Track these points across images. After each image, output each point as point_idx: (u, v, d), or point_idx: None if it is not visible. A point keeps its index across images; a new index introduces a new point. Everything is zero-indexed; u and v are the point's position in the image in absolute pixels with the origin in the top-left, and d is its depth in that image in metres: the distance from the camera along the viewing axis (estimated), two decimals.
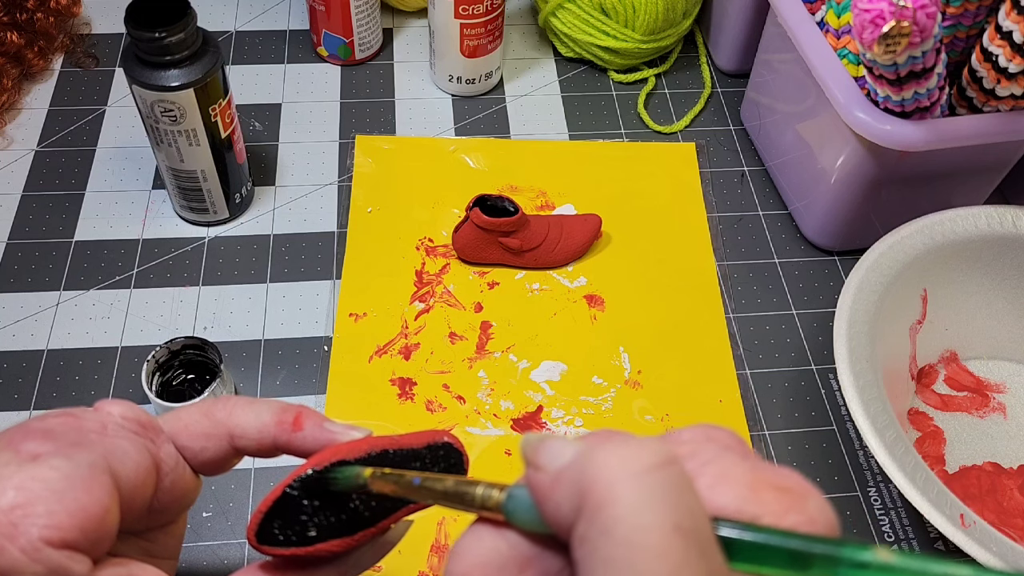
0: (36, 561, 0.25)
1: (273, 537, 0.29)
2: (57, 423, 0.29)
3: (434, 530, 0.48)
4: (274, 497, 0.29)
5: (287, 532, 0.29)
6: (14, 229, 0.59)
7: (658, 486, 0.19)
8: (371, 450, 0.31)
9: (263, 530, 0.29)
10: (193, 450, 0.32)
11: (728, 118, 0.70)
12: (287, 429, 0.32)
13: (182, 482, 0.31)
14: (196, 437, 0.32)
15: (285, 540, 0.29)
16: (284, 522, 0.29)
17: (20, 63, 0.66)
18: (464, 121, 0.68)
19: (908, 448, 0.44)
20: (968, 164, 0.56)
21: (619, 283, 0.59)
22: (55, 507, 0.26)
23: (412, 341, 0.55)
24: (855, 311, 0.49)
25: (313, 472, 0.30)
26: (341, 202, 0.62)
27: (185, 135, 0.53)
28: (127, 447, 0.29)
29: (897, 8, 0.42)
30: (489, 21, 0.64)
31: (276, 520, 0.29)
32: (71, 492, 0.26)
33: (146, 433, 0.30)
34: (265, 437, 0.32)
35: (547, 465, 0.21)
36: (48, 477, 0.26)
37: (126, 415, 0.30)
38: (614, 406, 0.53)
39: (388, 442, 0.31)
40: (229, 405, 0.32)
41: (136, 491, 0.29)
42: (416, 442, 0.32)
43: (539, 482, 0.21)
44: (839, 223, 0.59)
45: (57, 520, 0.26)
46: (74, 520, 0.26)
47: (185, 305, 0.56)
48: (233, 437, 0.32)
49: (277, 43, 0.72)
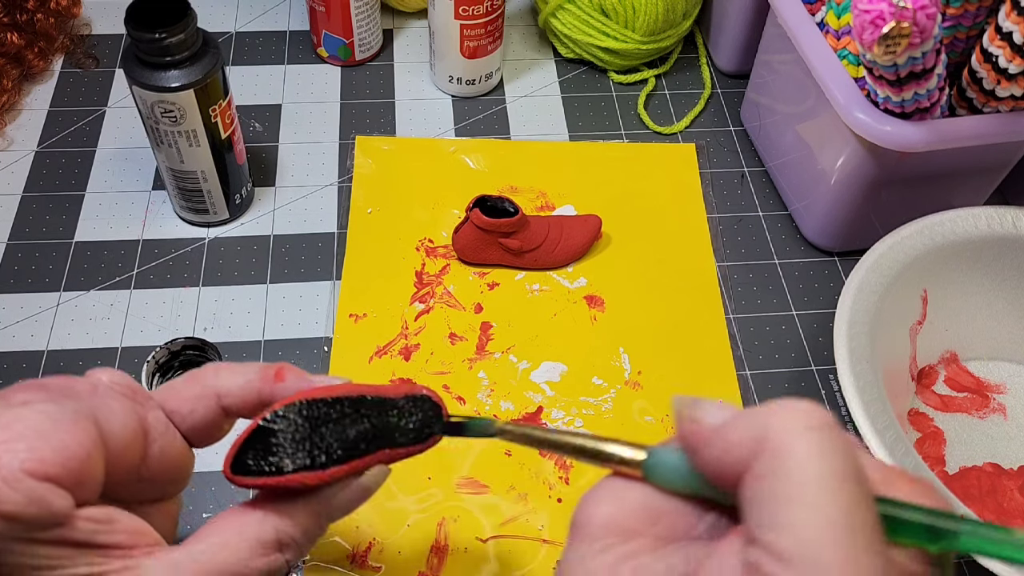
0: (16, 490, 0.26)
1: (247, 468, 0.30)
2: (49, 380, 0.30)
3: (434, 530, 0.48)
4: (250, 430, 0.30)
5: (260, 464, 0.30)
6: (14, 230, 0.59)
7: (828, 441, 0.21)
8: (348, 393, 0.32)
9: (238, 463, 0.30)
10: (182, 413, 0.33)
11: (728, 119, 0.70)
12: (270, 381, 0.33)
13: (172, 449, 0.32)
14: (185, 400, 0.33)
15: (258, 472, 0.30)
16: (258, 455, 0.30)
17: (20, 64, 0.66)
18: (464, 122, 0.68)
19: (908, 449, 0.44)
20: (968, 165, 0.56)
21: (619, 284, 0.59)
22: (37, 443, 0.27)
23: (412, 342, 0.55)
24: (855, 312, 0.49)
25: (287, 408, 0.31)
26: (341, 203, 0.62)
27: (185, 136, 0.53)
28: (114, 406, 0.30)
29: (897, 9, 0.42)
30: (489, 22, 0.64)
31: (251, 452, 0.30)
32: (55, 432, 0.27)
33: (134, 397, 0.31)
34: (249, 392, 0.33)
35: (706, 419, 0.24)
36: (34, 418, 0.27)
37: (115, 380, 0.31)
38: (614, 407, 0.53)
39: (366, 389, 0.32)
40: (215, 368, 0.34)
41: (123, 448, 0.30)
42: (394, 392, 0.33)
43: (697, 432, 0.24)
44: (839, 224, 0.59)
45: (39, 455, 0.26)
46: (56, 456, 0.27)
47: (185, 306, 0.56)
48: (220, 396, 0.33)
49: (277, 44, 0.72)
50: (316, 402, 0.31)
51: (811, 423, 0.22)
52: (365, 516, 0.48)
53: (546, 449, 0.29)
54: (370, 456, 0.32)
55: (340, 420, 0.32)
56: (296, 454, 0.30)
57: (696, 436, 0.24)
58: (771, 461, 0.22)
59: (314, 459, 0.31)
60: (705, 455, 0.24)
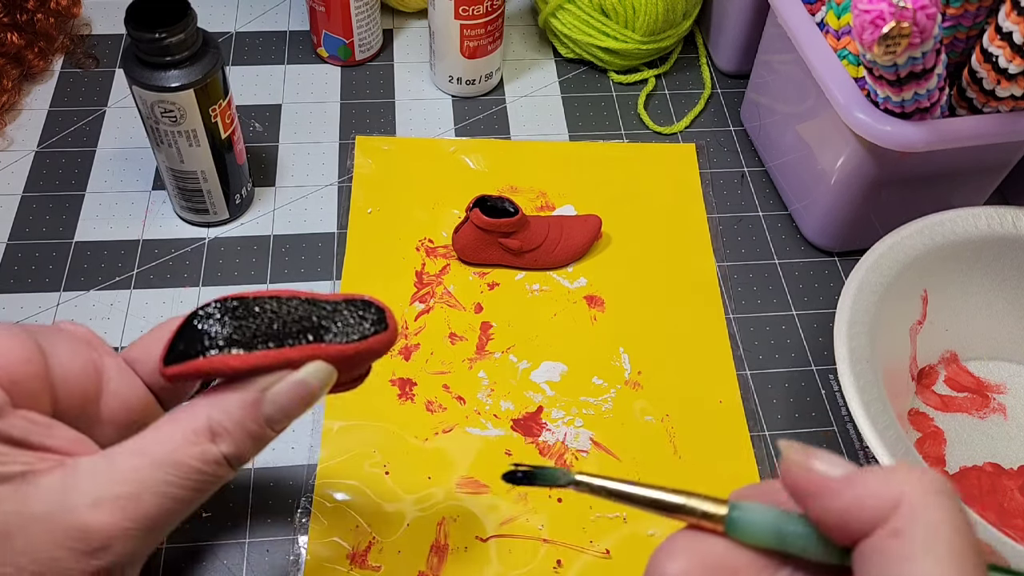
0: None
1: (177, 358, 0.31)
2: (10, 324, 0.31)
3: (434, 530, 0.48)
4: (181, 323, 0.31)
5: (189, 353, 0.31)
6: (14, 230, 0.59)
7: (957, 508, 0.23)
8: (279, 294, 0.32)
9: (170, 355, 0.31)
10: (141, 360, 0.34)
11: (728, 119, 0.70)
12: None
13: (129, 391, 0.33)
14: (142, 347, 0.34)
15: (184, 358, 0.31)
16: (188, 346, 0.31)
17: (20, 64, 0.66)
18: (464, 122, 0.68)
19: (909, 449, 0.44)
20: (968, 165, 0.56)
21: (619, 284, 0.59)
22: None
23: (412, 342, 0.55)
24: (855, 312, 0.49)
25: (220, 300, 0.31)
26: (341, 203, 0.62)
27: (185, 136, 0.53)
28: (66, 340, 0.31)
29: (897, 9, 0.42)
30: (489, 22, 0.64)
31: (180, 344, 0.31)
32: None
33: (88, 342, 0.32)
34: None
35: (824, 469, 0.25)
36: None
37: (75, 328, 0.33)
38: (614, 407, 0.53)
39: (302, 292, 0.33)
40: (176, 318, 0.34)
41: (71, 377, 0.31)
42: (332, 297, 0.33)
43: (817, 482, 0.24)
44: (839, 224, 0.59)
45: None
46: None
47: (185, 306, 0.56)
48: None
49: (277, 44, 0.72)
50: (246, 299, 0.32)
51: (943, 489, 0.23)
52: (365, 516, 0.48)
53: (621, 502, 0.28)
54: (299, 347, 0.32)
55: (267, 314, 0.32)
56: (221, 341, 0.31)
57: (814, 485, 0.24)
58: (909, 519, 0.23)
59: (239, 344, 0.31)
60: (829, 505, 0.24)
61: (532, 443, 0.51)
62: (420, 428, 0.51)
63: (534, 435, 0.52)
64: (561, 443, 0.52)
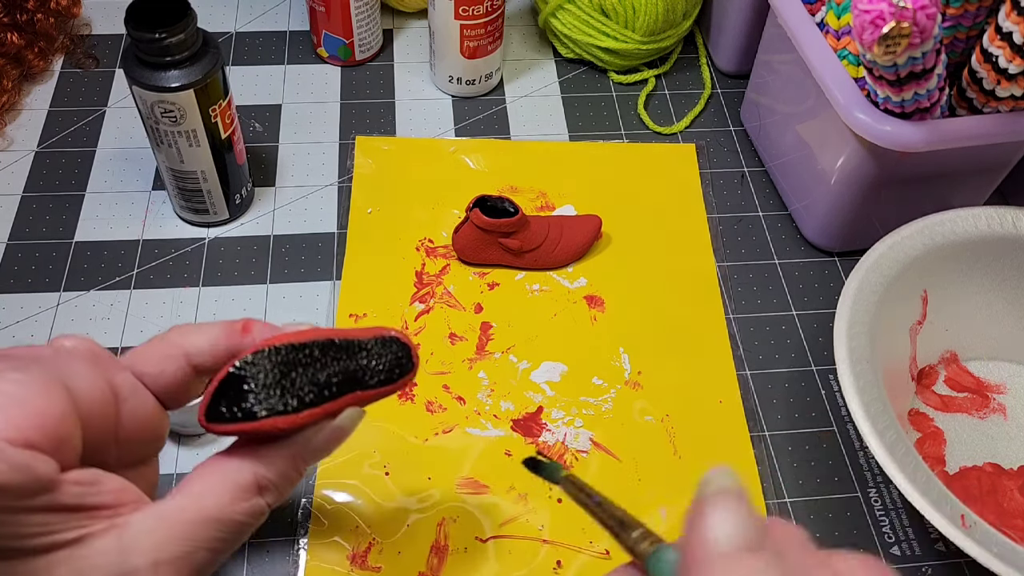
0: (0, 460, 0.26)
1: (221, 416, 0.30)
2: (12, 349, 0.30)
3: (434, 530, 0.48)
4: (220, 378, 0.30)
5: (233, 411, 0.30)
6: (14, 230, 0.59)
7: None
8: (316, 338, 0.32)
9: (212, 410, 0.30)
10: (152, 375, 0.33)
11: (728, 119, 0.70)
12: (236, 335, 0.33)
13: (143, 409, 0.32)
14: (153, 361, 0.33)
15: (231, 419, 0.30)
16: (231, 402, 0.30)
17: (20, 64, 0.66)
18: (464, 122, 0.68)
19: (908, 449, 0.44)
20: (968, 165, 0.56)
21: (619, 284, 0.59)
22: (12, 411, 0.26)
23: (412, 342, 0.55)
24: (855, 312, 0.49)
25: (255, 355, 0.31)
26: (341, 203, 0.62)
27: (185, 136, 0.53)
28: (79, 368, 0.30)
29: (897, 9, 0.42)
30: (489, 22, 0.64)
31: (223, 400, 0.30)
32: (29, 399, 0.27)
33: (98, 361, 0.31)
34: (217, 347, 0.33)
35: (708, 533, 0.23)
36: (4, 388, 0.27)
37: (77, 345, 0.31)
38: (614, 407, 0.53)
39: (334, 332, 0.33)
40: (182, 329, 0.33)
41: (93, 410, 0.29)
42: (363, 335, 0.33)
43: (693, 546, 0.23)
44: (839, 224, 0.59)
45: (15, 421, 0.26)
46: (33, 422, 0.27)
47: (185, 306, 0.56)
48: (189, 356, 0.33)
49: (277, 44, 0.72)
50: (285, 347, 0.32)
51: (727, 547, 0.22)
52: (365, 517, 0.48)
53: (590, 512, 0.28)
54: (342, 398, 0.32)
55: (310, 364, 0.32)
56: (268, 399, 0.31)
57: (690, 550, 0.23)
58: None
59: (286, 404, 0.31)
60: None
61: (532, 443, 0.51)
62: (420, 428, 0.51)
63: (534, 435, 0.52)
64: (561, 443, 0.52)
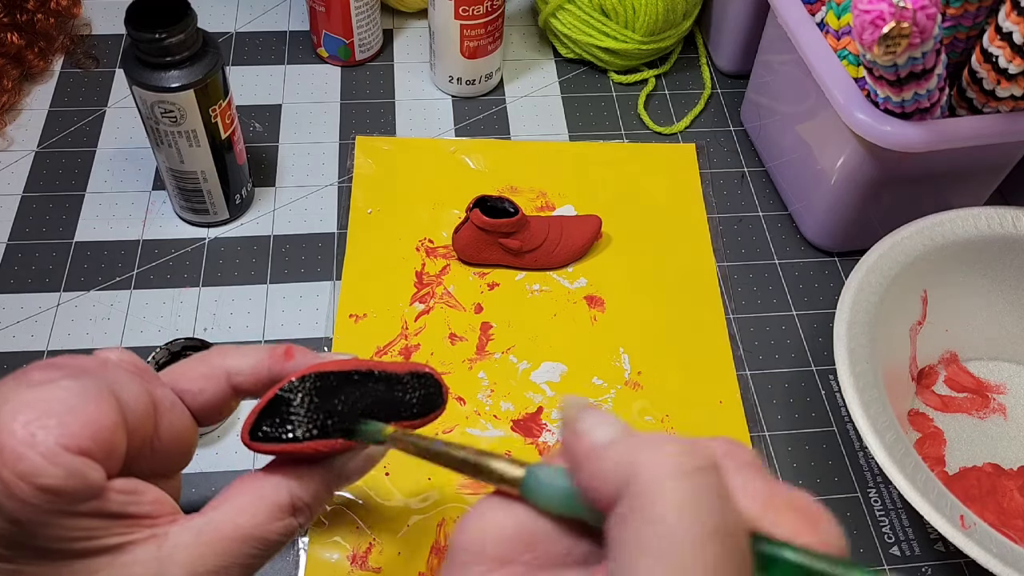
0: (55, 464, 0.26)
1: (264, 436, 0.31)
2: (60, 359, 0.31)
3: (434, 531, 0.48)
4: (267, 399, 0.32)
5: (276, 432, 0.32)
6: (14, 230, 0.59)
7: (702, 488, 0.20)
8: (358, 368, 0.33)
9: (255, 430, 0.31)
10: (192, 392, 0.33)
11: (728, 119, 0.70)
12: (280, 359, 0.34)
13: (180, 424, 0.33)
14: (194, 380, 0.34)
15: (275, 439, 0.32)
16: (274, 423, 0.31)
17: (20, 64, 0.66)
18: (464, 122, 0.68)
19: (908, 449, 0.44)
20: (968, 165, 0.56)
21: (619, 284, 0.59)
22: (68, 418, 0.27)
23: (412, 342, 0.55)
24: (855, 312, 0.49)
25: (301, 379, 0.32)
26: (341, 203, 0.62)
27: (185, 136, 0.53)
28: (125, 379, 0.31)
29: (897, 9, 0.42)
30: (489, 22, 0.64)
31: (267, 421, 0.31)
32: (82, 406, 0.28)
33: (142, 374, 0.32)
34: (260, 370, 0.34)
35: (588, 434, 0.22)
36: (59, 395, 0.28)
37: (123, 358, 0.32)
38: (614, 407, 0.53)
39: (374, 364, 0.34)
40: (224, 350, 0.34)
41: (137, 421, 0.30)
42: (399, 369, 0.34)
43: (577, 447, 0.22)
44: (839, 224, 0.59)
45: (71, 429, 0.27)
46: (86, 430, 0.27)
47: (185, 306, 0.56)
48: (230, 375, 0.34)
49: (277, 44, 0.72)
50: (328, 375, 0.33)
51: (684, 467, 0.20)
52: (365, 516, 0.48)
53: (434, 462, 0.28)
54: None
55: (351, 393, 0.33)
56: (310, 423, 0.32)
57: (575, 451, 0.22)
58: (635, 504, 0.20)
59: (327, 428, 0.32)
60: (578, 477, 0.22)
61: (532, 444, 0.51)
62: (420, 429, 0.51)
63: (534, 436, 0.52)
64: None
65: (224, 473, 0.49)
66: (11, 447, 0.26)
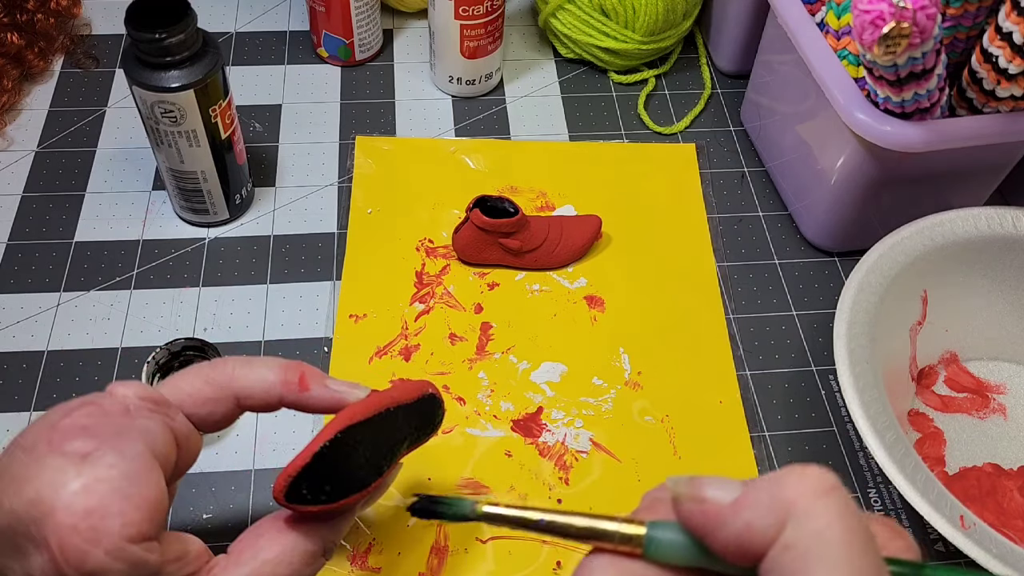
0: (120, 560, 0.27)
1: (300, 496, 0.32)
2: (85, 416, 0.30)
3: (434, 531, 0.48)
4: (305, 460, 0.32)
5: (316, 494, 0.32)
6: (14, 230, 0.59)
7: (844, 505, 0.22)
8: (377, 411, 0.34)
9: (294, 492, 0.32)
10: (200, 415, 0.34)
11: (728, 119, 0.70)
12: (294, 390, 0.34)
13: (196, 449, 0.34)
14: (202, 404, 0.34)
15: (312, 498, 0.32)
16: (312, 484, 0.32)
17: (20, 64, 0.66)
18: (464, 122, 0.68)
19: (908, 449, 0.44)
20: (968, 165, 0.56)
21: (619, 284, 0.59)
22: (126, 506, 0.27)
23: (412, 342, 0.55)
24: (855, 312, 0.49)
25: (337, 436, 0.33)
26: (341, 203, 0.62)
27: (185, 136, 0.53)
28: (153, 427, 0.31)
29: (897, 9, 0.42)
30: (489, 22, 0.64)
31: (305, 484, 0.32)
32: (135, 488, 0.28)
33: (161, 409, 0.32)
34: (272, 397, 0.34)
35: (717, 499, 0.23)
36: (109, 476, 0.28)
37: (141, 395, 0.32)
38: (614, 407, 0.53)
39: (388, 400, 0.35)
40: (228, 368, 0.34)
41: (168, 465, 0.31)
42: (408, 397, 0.35)
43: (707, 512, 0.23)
44: (839, 224, 0.59)
45: (131, 517, 0.27)
46: (143, 513, 0.28)
47: (185, 306, 0.56)
48: (239, 399, 0.34)
49: (277, 44, 0.72)
50: (356, 427, 0.33)
51: (826, 487, 0.22)
52: (365, 516, 0.48)
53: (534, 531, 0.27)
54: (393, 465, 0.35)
55: (376, 439, 0.34)
56: (345, 479, 0.33)
57: (708, 517, 0.23)
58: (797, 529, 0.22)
59: (362, 481, 0.33)
60: (723, 535, 0.23)
61: (532, 444, 0.51)
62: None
63: (534, 436, 0.52)
64: (561, 444, 0.52)
65: (224, 473, 0.49)
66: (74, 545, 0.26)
